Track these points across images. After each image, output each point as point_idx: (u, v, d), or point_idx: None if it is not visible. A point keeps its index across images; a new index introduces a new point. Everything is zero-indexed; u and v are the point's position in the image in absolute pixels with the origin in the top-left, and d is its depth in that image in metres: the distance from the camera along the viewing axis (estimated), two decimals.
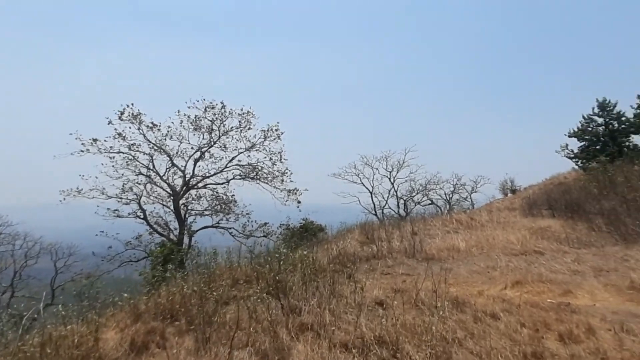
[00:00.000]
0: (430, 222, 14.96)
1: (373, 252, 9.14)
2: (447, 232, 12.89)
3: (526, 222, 14.10)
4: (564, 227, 12.81)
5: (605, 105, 25.08)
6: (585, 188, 16.81)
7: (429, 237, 12.01)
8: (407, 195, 28.09)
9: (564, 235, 11.29)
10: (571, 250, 8.30)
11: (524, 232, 12.23)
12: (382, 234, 11.76)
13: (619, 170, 15.57)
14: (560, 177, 31.30)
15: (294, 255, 6.63)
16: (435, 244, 10.23)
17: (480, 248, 9.78)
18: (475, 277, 6.49)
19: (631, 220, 11.58)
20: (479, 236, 11.16)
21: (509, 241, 10.14)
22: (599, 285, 5.37)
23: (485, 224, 14.19)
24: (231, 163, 16.73)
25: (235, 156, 16.68)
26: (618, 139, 24.15)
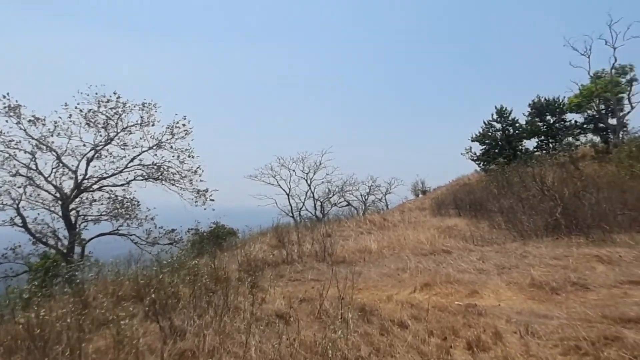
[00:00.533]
0: (345, 223, 14.83)
1: (283, 257, 8.57)
2: (360, 234, 12.77)
3: (435, 222, 14.55)
4: (469, 225, 13.38)
5: (502, 112, 27.29)
6: (486, 188, 17.91)
7: (343, 239, 11.76)
8: (324, 197, 28.11)
9: (469, 233, 11.70)
10: (476, 248, 8.46)
11: (433, 232, 12.51)
12: (295, 236, 11.26)
13: (514, 171, 16.79)
14: (464, 179, 33.54)
15: (192, 264, 5.80)
16: (347, 246, 9.95)
17: (392, 249, 9.68)
18: (385, 280, 6.20)
19: (526, 217, 12.39)
20: (391, 237, 11.13)
21: (419, 241, 10.19)
22: (503, 283, 5.32)
23: (398, 224, 14.37)
24: (132, 162, 15.17)
25: (137, 155, 15.15)
26: (513, 143, 26.41)
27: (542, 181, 11.39)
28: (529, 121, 26.62)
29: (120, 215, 15.07)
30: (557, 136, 25.77)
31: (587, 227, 9.54)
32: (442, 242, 9.43)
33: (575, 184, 11.42)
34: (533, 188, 12.11)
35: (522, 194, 14.04)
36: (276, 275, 7.30)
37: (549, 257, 6.60)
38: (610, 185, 12.91)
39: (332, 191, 28.54)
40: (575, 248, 7.18)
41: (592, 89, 22.39)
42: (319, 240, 9.32)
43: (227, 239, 14.23)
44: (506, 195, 16.60)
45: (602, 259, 6.02)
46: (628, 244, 7.11)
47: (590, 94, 22.42)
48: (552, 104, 25.95)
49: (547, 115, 26.29)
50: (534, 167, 13.66)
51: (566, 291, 4.92)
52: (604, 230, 9.27)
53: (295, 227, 13.58)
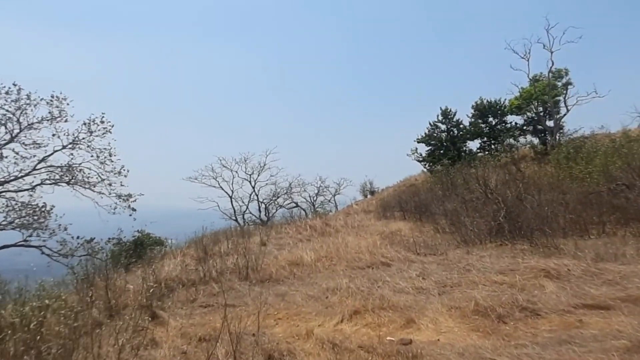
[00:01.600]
0: (284, 229, 13.81)
1: (200, 275, 7.39)
2: (299, 241, 11.80)
3: (379, 226, 13.89)
4: (413, 229, 12.80)
5: (447, 113, 27.42)
6: (431, 190, 17.60)
7: (278, 248, 10.73)
8: (269, 199, 26.95)
9: (412, 239, 11.08)
10: (418, 259, 7.74)
11: (375, 238, 11.77)
12: (225, 246, 10.10)
13: (458, 172, 16.57)
14: (411, 179, 33.54)
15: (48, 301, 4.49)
16: (281, 257, 8.94)
17: (329, 259, 8.79)
18: (310, 305, 5.24)
19: (469, 220, 12.01)
20: (330, 245, 10.24)
21: (359, 250, 9.38)
22: (444, 308, 4.52)
23: (340, 229, 13.56)
24: (42, 164, 13.29)
25: (48, 155, 13.28)
26: (457, 144, 26.60)
27: (486, 183, 10.99)
28: (472, 122, 26.91)
29: (28, 225, 13.16)
30: (498, 137, 26.20)
31: (531, 232, 9.15)
32: (383, 251, 8.64)
33: (517, 186, 11.12)
34: (477, 190, 11.71)
35: (466, 197, 13.70)
36: (186, 300, 6.15)
37: (493, 271, 5.93)
38: (551, 187, 12.80)
39: (277, 193, 27.46)
40: (520, 259, 6.59)
41: (531, 92, 22.86)
42: (244, 253, 8.22)
43: (151, 249, 12.75)
44: (450, 197, 16.32)
45: (550, 274, 5.41)
46: (574, 253, 6.63)
47: (529, 96, 22.87)
48: (494, 106, 26.38)
49: (489, 116, 26.69)
50: (477, 168, 13.31)
51: (514, 318, 4.19)
52: (546, 234, 8.91)
53: (225, 235, 12.36)
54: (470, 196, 13.54)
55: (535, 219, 9.64)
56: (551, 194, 11.64)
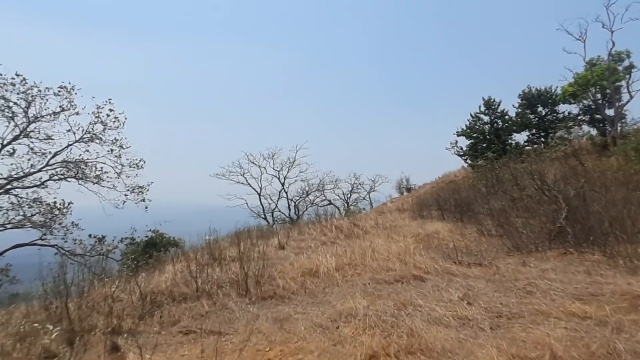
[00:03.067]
0: (308, 229, 12.52)
1: (192, 289, 6.22)
2: (322, 244, 10.47)
3: (414, 227, 12.33)
4: (453, 232, 11.18)
5: (490, 103, 25.21)
6: (473, 187, 15.79)
7: (296, 252, 9.46)
8: (299, 196, 25.81)
9: (452, 244, 9.50)
10: (459, 270, 6.23)
11: (408, 241, 10.27)
12: (236, 251, 8.94)
13: (505, 167, 14.68)
14: (451, 176, 31.46)
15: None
16: (295, 266, 7.66)
17: (352, 268, 7.44)
18: (314, 339, 3.92)
19: (521, 221, 10.28)
20: (356, 249, 8.87)
21: (389, 256, 7.97)
22: (502, 358, 3.05)
23: (370, 230, 12.12)
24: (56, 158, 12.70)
25: (61, 149, 12.67)
26: (502, 137, 24.36)
27: (542, 179, 9.22)
28: (519, 113, 24.59)
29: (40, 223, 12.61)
30: (549, 129, 23.78)
31: (604, 238, 7.39)
32: (416, 259, 7.18)
33: (580, 182, 9.28)
34: (529, 187, 9.93)
35: (514, 194, 11.89)
36: (167, 323, 4.97)
37: (566, 296, 4.37)
38: (618, 182, 10.78)
39: (308, 190, 26.29)
40: (599, 276, 4.97)
41: (587, 77, 20.40)
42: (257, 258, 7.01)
43: (166, 250, 11.84)
44: (496, 195, 14.47)
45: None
46: None
47: (586, 82, 20.42)
48: (544, 95, 23.96)
49: (538, 106, 24.30)
50: (530, 162, 11.44)
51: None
52: (622, 241, 7.16)
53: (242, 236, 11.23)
54: (521, 194, 11.74)
55: (606, 222, 7.86)
56: (621, 191, 9.71)
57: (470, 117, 25.74)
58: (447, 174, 32.68)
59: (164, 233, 12.17)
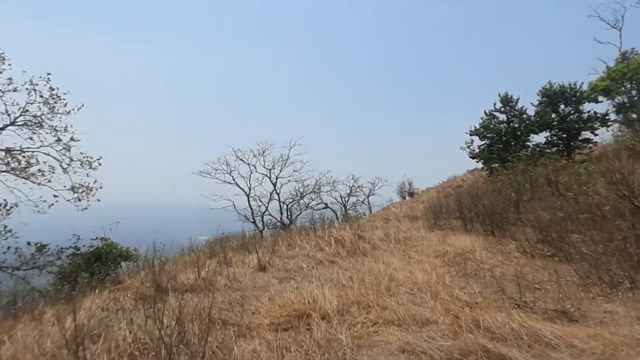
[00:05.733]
0: (300, 240, 9.88)
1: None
2: (318, 264, 7.83)
3: (435, 241, 9.71)
4: (488, 249, 8.56)
5: (508, 100, 22.70)
6: (499, 192, 13.18)
7: (282, 278, 6.81)
8: (292, 199, 23.14)
9: (498, 269, 6.90)
10: (552, 331, 3.59)
11: (434, 262, 7.67)
12: (190, 275, 6.29)
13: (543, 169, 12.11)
14: (457, 180, 29.09)
15: None
16: (274, 304, 5.06)
17: (365, 311, 4.85)
18: None
19: (584, 241, 7.73)
20: (367, 276, 6.27)
21: (414, 290, 5.37)
22: None
23: (379, 244, 9.47)
24: None
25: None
26: (521, 138, 21.87)
27: (627, 182, 6.60)
28: (539, 112, 22.08)
29: None
30: (572, 130, 21.29)
31: None
32: (458, 295, 4.58)
33: None
34: (607, 194, 7.31)
35: (561, 204, 9.27)
36: None
37: None
38: None
39: (302, 192, 23.62)
40: None
41: (624, 70, 17.91)
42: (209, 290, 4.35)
43: (116, 264, 9.15)
44: (532, 202, 11.89)
45: None
46: None
47: (622, 76, 17.93)
48: (568, 91, 21.47)
49: (560, 104, 21.81)
50: (608, 161, 8.67)
51: None
52: None
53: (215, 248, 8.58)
54: (586, 201, 9.11)
55: None
56: None
57: (485, 115, 23.24)
58: (453, 178, 30.48)
59: (113, 242, 9.46)
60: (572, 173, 11.51)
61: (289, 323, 4.75)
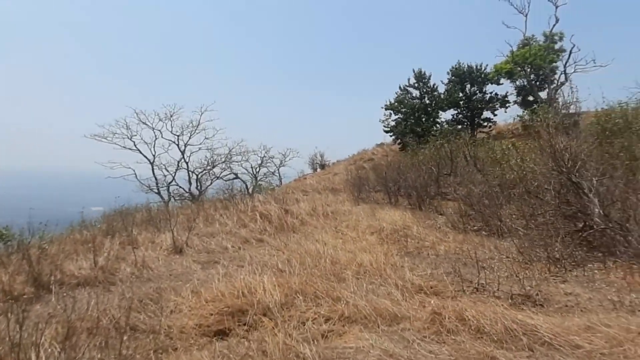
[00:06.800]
0: (220, 214, 8.70)
1: None
2: (244, 242, 6.80)
3: (364, 216, 9.20)
4: (420, 224, 8.31)
5: (421, 76, 23.17)
6: (419, 166, 13.19)
7: (205, 260, 5.70)
8: (203, 168, 21.28)
9: (440, 247, 6.58)
10: (528, 316, 3.14)
11: (371, 240, 7.14)
12: (88, 261, 4.89)
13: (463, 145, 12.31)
14: (368, 153, 29.51)
15: None
16: (200, 299, 4.05)
17: (314, 303, 4.06)
18: None
19: (513, 216, 7.81)
20: (304, 259, 5.46)
21: (361, 273, 4.76)
22: None
23: (307, 219, 8.70)
24: None
25: None
26: (432, 114, 22.59)
27: (562, 157, 6.58)
28: (449, 90, 22.92)
29: None
30: (475, 109, 22.53)
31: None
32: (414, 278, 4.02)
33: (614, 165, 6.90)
34: (540, 169, 7.32)
35: (489, 179, 9.37)
36: None
37: None
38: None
39: (214, 161, 21.81)
40: None
41: (525, 55, 19.12)
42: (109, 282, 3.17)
43: None
44: (452, 176, 12.06)
45: None
46: None
47: (523, 60, 19.14)
48: (475, 72, 22.53)
49: (467, 83, 22.85)
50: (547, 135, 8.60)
51: None
52: None
53: (115, 223, 7.07)
54: (495, 180, 9.25)
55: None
56: None
57: (399, 89, 23.53)
58: (363, 151, 30.74)
59: None
60: (488, 149, 11.83)
61: (221, 324, 3.77)
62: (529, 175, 7.90)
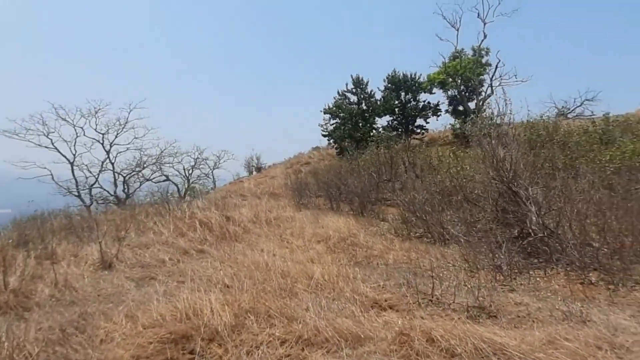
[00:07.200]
0: (154, 221, 7.98)
1: None
2: (184, 254, 6.25)
3: (308, 223, 8.96)
4: (366, 232, 8.25)
5: (359, 82, 23.54)
6: (358, 172, 13.26)
7: (140, 277, 5.11)
8: (131, 170, 19.85)
9: (388, 256, 6.51)
10: (492, 332, 3.10)
11: (319, 249, 6.92)
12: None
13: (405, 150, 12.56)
14: (305, 157, 29.43)
15: None
16: (136, 327, 3.54)
17: (268, 323, 3.73)
18: None
19: (454, 222, 8.00)
20: (251, 271, 5.09)
21: (313, 287, 4.51)
22: None
23: (250, 227, 8.27)
24: None
25: None
26: (369, 120, 22.99)
27: (499, 165, 6.81)
28: (385, 97, 23.51)
29: None
30: (409, 117, 23.34)
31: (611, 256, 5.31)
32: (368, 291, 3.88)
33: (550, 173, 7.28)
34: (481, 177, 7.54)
35: (429, 186, 9.57)
36: None
37: None
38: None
39: (142, 162, 20.44)
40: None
41: (456, 67, 20.12)
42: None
43: None
44: (394, 182, 12.23)
45: None
46: None
47: (455, 72, 20.12)
48: (410, 80, 23.33)
49: (402, 91, 23.60)
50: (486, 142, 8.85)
51: None
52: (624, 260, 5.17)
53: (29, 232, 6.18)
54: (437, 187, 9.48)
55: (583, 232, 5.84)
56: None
57: (338, 94, 23.70)
58: (299, 155, 30.63)
59: None
60: (425, 157, 12.17)
61: (162, 354, 3.32)
62: (468, 183, 8.17)
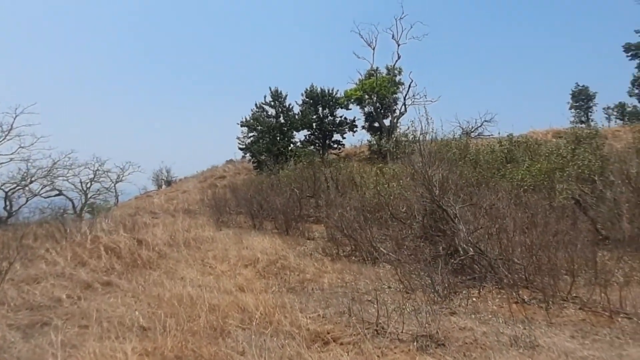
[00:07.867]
0: (46, 248, 6.72)
1: None
2: (86, 288, 5.26)
3: (230, 243, 8.30)
4: (293, 251, 7.83)
5: (278, 95, 23.25)
6: (280, 187, 12.86)
7: (29, 321, 4.12)
8: (16, 183, 17.14)
9: (322, 279, 6.15)
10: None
11: (247, 275, 6.33)
12: None
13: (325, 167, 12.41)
14: (219, 170, 28.29)
15: None
16: None
17: None
18: None
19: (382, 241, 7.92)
20: (177, 310, 4.40)
21: (246, 322, 4.00)
22: None
23: (166, 250, 7.37)
24: None
25: None
26: (287, 133, 22.75)
27: (426, 179, 6.85)
28: (303, 111, 23.53)
29: None
30: (326, 131, 23.61)
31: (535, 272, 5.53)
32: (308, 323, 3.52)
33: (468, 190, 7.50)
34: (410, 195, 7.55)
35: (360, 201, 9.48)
36: None
37: None
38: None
39: (31, 175, 17.78)
40: None
41: (372, 85, 20.83)
42: None
43: None
44: (316, 198, 11.97)
45: None
46: None
47: (372, 89, 20.80)
48: (327, 96, 23.65)
49: (319, 106, 23.83)
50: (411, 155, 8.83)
51: None
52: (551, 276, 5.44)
53: None
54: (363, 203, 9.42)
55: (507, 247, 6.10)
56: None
57: (255, 107, 23.16)
58: (213, 168, 29.35)
59: None
60: (349, 172, 12.17)
61: None
62: (394, 200, 8.20)
